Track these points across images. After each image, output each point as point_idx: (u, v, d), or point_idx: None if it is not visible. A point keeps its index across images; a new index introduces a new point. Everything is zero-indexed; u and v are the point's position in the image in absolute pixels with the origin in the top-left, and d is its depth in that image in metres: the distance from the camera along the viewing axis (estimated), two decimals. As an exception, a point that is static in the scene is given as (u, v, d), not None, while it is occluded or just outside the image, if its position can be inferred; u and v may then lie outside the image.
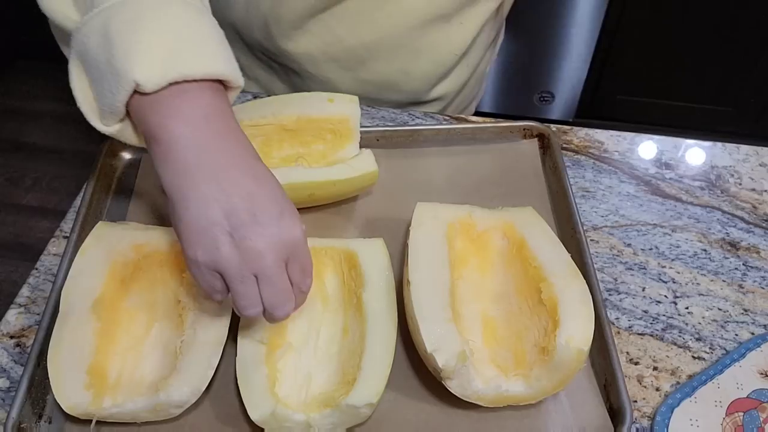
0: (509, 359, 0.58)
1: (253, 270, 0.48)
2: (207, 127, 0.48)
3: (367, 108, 0.84)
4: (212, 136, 0.48)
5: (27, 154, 2.12)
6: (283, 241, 0.49)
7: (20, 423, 0.54)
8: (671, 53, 1.82)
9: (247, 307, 0.50)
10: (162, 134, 0.48)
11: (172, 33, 0.48)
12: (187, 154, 0.47)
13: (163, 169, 0.48)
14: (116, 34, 0.47)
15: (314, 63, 0.84)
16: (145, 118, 0.49)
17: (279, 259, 0.49)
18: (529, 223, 0.64)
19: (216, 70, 0.49)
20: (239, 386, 0.55)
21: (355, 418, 0.53)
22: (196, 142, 0.48)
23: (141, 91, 0.47)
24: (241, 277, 0.48)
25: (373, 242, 0.63)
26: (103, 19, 0.48)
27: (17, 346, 0.62)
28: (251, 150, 0.50)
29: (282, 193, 0.50)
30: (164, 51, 0.47)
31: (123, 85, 0.47)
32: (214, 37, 0.51)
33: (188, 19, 0.50)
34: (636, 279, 0.69)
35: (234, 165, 0.48)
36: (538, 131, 0.78)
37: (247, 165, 0.49)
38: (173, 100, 0.48)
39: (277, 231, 0.48)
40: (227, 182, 0.47)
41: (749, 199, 0.76)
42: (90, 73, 0.50)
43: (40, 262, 0.69)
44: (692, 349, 0.63)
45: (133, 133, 0.53)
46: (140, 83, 0.46)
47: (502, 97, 2.03)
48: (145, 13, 0.48)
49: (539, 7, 1.72)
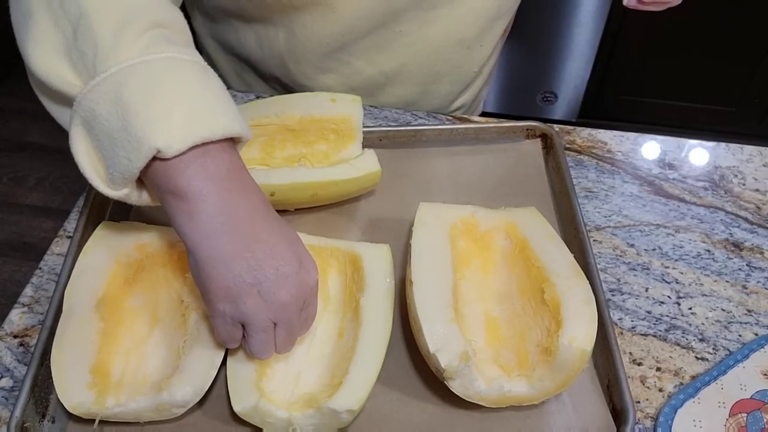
0: (512, 360, 0.58)
1: (276, 319, 0.51)
2: (230, 185, 0.49)
3: (369, 108, 0.84)
4: (236, 194, 0.50)
5: (30, 154, 2.12)
6: (303, 290, 0.51)
7: (24, 422, 0.54)
8: (674, 53, 1.81)
9: (263, 352, 0.53)
10: (188, 194, 0.48)
11: (187, 96, 0.48)
12: (214, 212, 0.48)
13: (188, 228, 0.49)
14: (131, 100, 0.47)
15: (332, 92, 0.84)
16: (166, 180, 0.49)
17: (299, 306, 0.52)
18: (532, 224, 0.64)
19: (233, 130, 0.49)
20: (227, 377, 0.55)
21: (335, 423, 0.53)
22: (221, 201, 0.49)
23: (161, 158, 0.47)
24: (264, 328, 0.51)
25: (379, 247, 0.63)
26: (114, 85, 0.47)
27: (21, 346, 0.63)
28: (267, 203, 0.52)
29: (298, 240, 0.53)
30: (183, 116, 0.47)
31: (143, 152, 0.46)
32: (224, 96, 0.51)
33: (199, 81, 0.50)
34: (639, 279, 0.69)
35: (257, 222, 0.50)
36: (541, 131, 0.78)
37: (267, 219, 0.51)
38: (195, 160, 0.48)
39: (298, 281, 0.50)
40: (252, 239, 0.49)
41: (753, 200, 0.76)
42: (99, 140, 0.49)
43: (44, 261, 0.69)
44: (695, 349, 0.63)
45: (139, 195, 0.53)
46: (162, 150, 0.46)
47: (505, 98, 2.02)
48: (160, 77, 0.48)
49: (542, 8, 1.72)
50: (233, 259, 0.48)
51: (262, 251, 0.49)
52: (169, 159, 0.47)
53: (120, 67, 0.47)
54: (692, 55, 1.81)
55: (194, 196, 0.48)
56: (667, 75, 1.87)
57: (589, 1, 1.69)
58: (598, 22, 1.74)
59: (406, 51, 0.80)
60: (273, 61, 0.83)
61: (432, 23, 0.78)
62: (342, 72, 0.82)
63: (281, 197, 0.66)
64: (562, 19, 1.75)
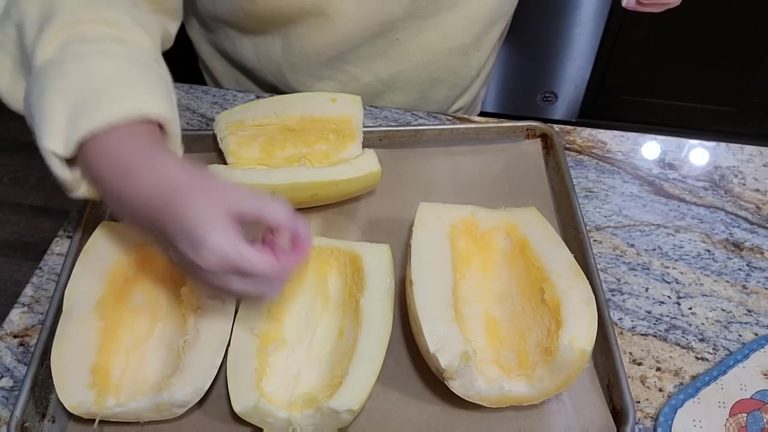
0: (512, 360, 0.58)
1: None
2: (149, 152, 0.50)
3: (369, 108, 0.84)
4: (136, 178, 0.49)
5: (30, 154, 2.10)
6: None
7: (24, 422, 0.54)
8: (674, 53, 1.81)
9: (250, 294, 0.51)
10: (97, 182, 0.50)
11: (73, 93, 0.49)
12: (115, 197, 0.50)
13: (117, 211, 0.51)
14: (31, 109, 0.50)
15: None
16: (85, 168, 0.51)
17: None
18: (532, 224, 0.64)
19: (122, 111, 0.49)
20: (227, 377, 0.55)
21: (335, 423, 0.53)
22: (123, 188, 0.49)
23: (63, 157, 0.49)
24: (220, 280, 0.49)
25: (379, 247, 0.63)
26: (25, 95, 0.51)
27: (21, 346, 0.63)
28: (180, 172, 0.50)
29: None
30: (65, 115, 0.49)
31: (47, 156, 0.49)
32: (124, 81, 0.51)
33: (93, 71, 0.50)
34: (639, 279, 0.69)
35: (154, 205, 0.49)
36: (541, 131, 0.78)
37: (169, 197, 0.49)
38: (97, 148, 0.49)
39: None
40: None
41: (753, 200, 0.76)
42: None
43: (44, 261, 0.69)
44: (695, 349, 0.63)
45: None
46: (57, 152, 0.49)
47: (505, 98, 2.02)
48: (50, 79, 0.50)
49: (542, 8, 1.72)
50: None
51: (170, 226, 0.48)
52: (78, 153, 0.49)
53: (33, 72, 0.51)
54: (692, 55, 1.81)
55: (99, 186, 0.51)
56: (667, 75, 1.87)
57: (589, 1, 1.69)
58: (598, 22, 1.74)
59: (403, 58, 0.80)
60: (270, 69, 0.83)
61: (428, 31, 0.78)
62: (339, 80, 0.82)
63: (281, 197, 0.66)
64: (562, 19, 1.75)
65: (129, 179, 0.49)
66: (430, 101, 0.88)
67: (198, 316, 0.58)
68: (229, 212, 0.47)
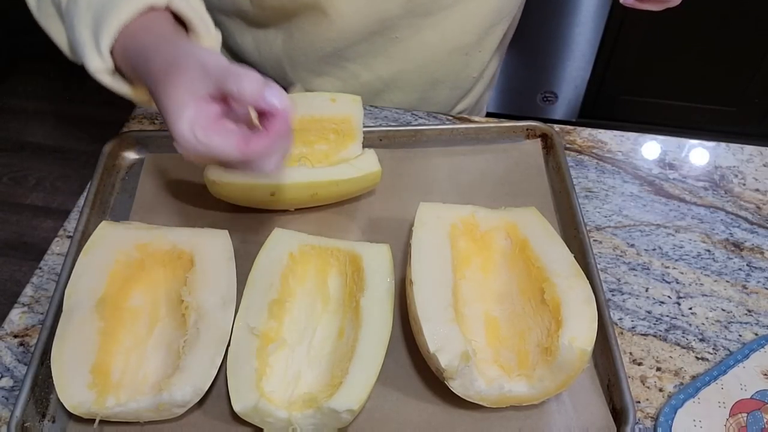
0: (512, 360, 0.58)
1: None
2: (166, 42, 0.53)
3: (370, 108, 0.84)
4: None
5: (30, 154, 2.12)
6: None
7: (24, 422, 0.54)
8: (674, 53, 1.81)
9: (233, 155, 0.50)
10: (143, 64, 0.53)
11: (89, 12, 0.55)
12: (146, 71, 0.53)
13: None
14: (74, 46, 0.57)
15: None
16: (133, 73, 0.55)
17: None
18: (532, 224, 0.64)
19: (129, 10, 0.53)
20: (227, 377, 0.55)
21: (335, 422, 0.53)
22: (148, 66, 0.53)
23: (109, 70, 0.55)
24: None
25: (379, 247, 0.63)
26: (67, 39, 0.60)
27: (21, 346, 0.63)
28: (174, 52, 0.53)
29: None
30: (90, 33, 0.54)
31: (100, 78, 0.55)
32: None
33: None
34: (639, 279, 0.69)
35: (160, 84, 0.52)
36: (541, 131, 0.78)
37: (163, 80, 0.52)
38: (121, 53, 0.55)
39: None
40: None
41: (753, 200, 0.76)
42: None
43: (44, 261, 0.69)
44: (696, 349, 0.63)
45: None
46: (99, 68, 0.55)
47: (506, 98, 2.03)
48: (72, 11, 0.56)
49: (542, 8, 1.72)
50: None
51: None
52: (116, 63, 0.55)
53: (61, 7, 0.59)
54: (692, 55, 1.80)
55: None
56: (667, 75, 1.87)
57: (589, 1, 1.69)
58: (598, 22, 1.74)
59: (402, 57, 0.80)
60: (270, 64, 0.83)
61: (428, 30, 0.77)
62: (339, 76, 0.82)
63: (281, 197, 0.66)
64: (562, 19, 1.75)
65: (138, 71, 0.53)
66: (431, 102, 0.88)
67: (198, 316, 0.58)
68: (203, 96, 0.48)
